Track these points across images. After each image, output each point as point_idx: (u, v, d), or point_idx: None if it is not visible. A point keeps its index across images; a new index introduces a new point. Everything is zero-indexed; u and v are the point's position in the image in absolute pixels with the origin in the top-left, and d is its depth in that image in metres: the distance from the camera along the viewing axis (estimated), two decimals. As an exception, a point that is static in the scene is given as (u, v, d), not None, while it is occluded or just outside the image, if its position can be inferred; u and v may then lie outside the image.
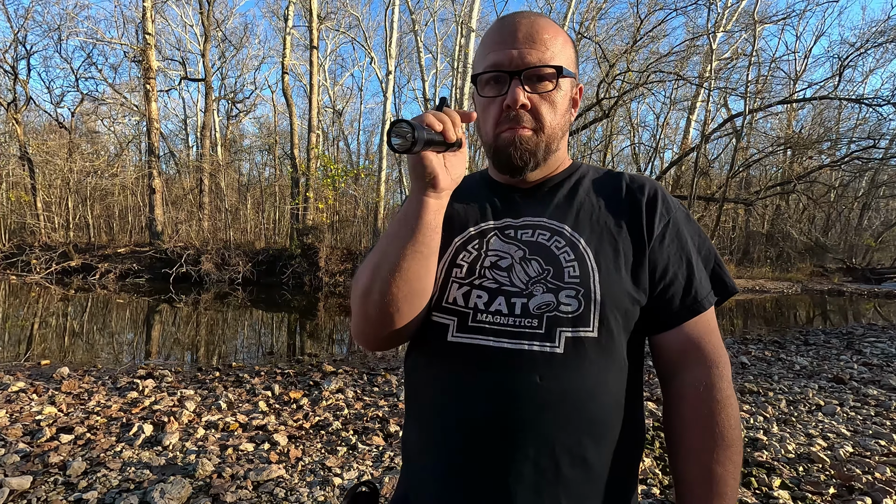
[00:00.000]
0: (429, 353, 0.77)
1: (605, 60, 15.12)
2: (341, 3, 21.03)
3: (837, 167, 17.44)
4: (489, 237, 0.79)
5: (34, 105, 18.92)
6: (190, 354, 6.27)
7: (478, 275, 0.75)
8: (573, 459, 0.68)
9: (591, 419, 0.69)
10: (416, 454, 0.79)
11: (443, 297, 0.75)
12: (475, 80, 0.77)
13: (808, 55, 20.71)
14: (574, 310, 0.70)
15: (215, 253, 13.67)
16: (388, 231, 0.72)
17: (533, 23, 0.75)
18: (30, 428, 3.17)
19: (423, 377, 0.78)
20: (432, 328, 0.75)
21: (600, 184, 0.84)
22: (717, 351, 0.75)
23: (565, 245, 0.75)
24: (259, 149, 27.55)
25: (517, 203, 0.82)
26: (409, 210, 0.69)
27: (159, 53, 19.59)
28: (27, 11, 17.29)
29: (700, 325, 0.76)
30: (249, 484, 2.51)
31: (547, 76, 0.75)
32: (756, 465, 2.81)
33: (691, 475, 0.71)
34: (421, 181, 0.68)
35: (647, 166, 22.76)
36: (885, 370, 5.29)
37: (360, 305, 0.73)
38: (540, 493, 0.68)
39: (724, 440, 0.70)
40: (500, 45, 0.75)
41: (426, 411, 0.77)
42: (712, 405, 0.71)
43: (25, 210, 16.48)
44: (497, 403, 0.68)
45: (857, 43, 15.32)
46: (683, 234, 0.79)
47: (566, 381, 0.68)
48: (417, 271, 0.69)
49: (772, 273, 18.28)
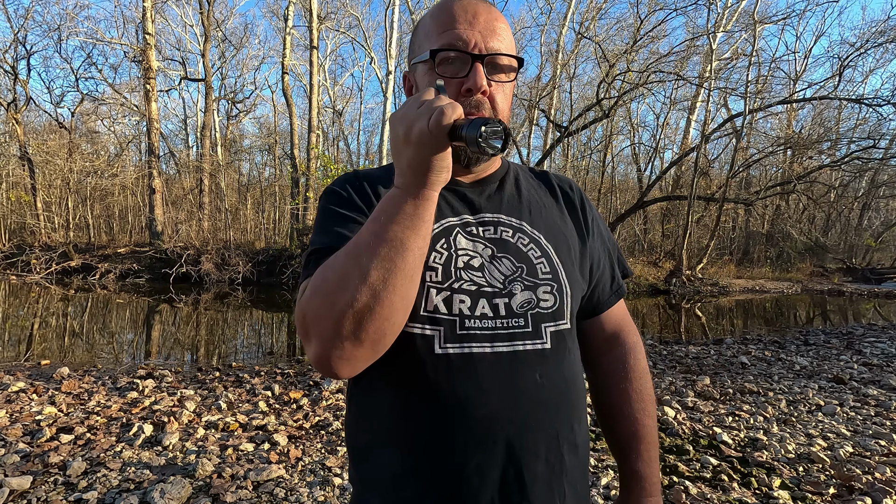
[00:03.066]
0: (412, 370, 0.68)
1: (605, 60, 15.11)
2: (341, 3, 21.04)
3: (837, 167, 17.41)
4: (454, 235, 0.74)
5: (34, 105, 18.93)
6: (190, 354, 6.27)
7: (455, 277, 0.71)
8: (570, 447, 0.73)
9: (575, 405, 0.75)
10: (400, 483, 0.69)
11: (420, 305, 0.68)
12: (433, 55, 0.71)
13: (808, 55, 20.71)
14: (552, 305, 0.73)
15: (215, 253, 13.67)
16: (381, 233, 0.59)
17: (490, 10, 0.73)
18: (30, 428, 3.17)
19: (407, 397, 0.69)
20: (412, 341, 0.68)
21: (535, 181, 0.88)
22: (634, 327, 0.90)
23: (530, 242, 0.77)
24: (259, 149, 27.58)
25: (469, 198, 0.78)
26: (413, 209, 0.60)
27: (159, 53, 19.60)
28: (27, 11, 17.30)
29: (621, 306, 0.90)
30: (249, 484, 2.51)
31: (506, 67, 0.73)
32: (756, 465, 2.81)
33: (631, 433, 0.83)
34: (435, 175, 0.59)
35: (647, 166, 22.76)
36: (885, 370, 5.29)
37: (350, 326, 0.58)
38: (551, 487, 0.70)
39: (651, 400, 0.85)
40: (460, 25, 0.70)
41: (416, 432, 0.68)
42: (642, 374, 0.86)
43: (25, 210, 16.49)
44: (503, 410, 0.67)
45: (857, 43, 15.29)
46: (601, 228, 0.89)
47: (556, 374, 0.72)
48: (418, 277, 0.62)
49: (772, 273, 18.29)
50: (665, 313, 11.13)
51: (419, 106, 0.58)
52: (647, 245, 21.49)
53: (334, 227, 0.72)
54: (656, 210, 20.90)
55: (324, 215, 0.76)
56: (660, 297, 13.73)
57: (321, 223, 0.75)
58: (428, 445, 0.68)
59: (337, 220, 0.73)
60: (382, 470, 0.71)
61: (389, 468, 0.70)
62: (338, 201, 0.76)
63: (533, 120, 19.66)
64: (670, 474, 2.72)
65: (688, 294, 14.26)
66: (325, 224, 0.74)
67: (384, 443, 0.71)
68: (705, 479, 2.66)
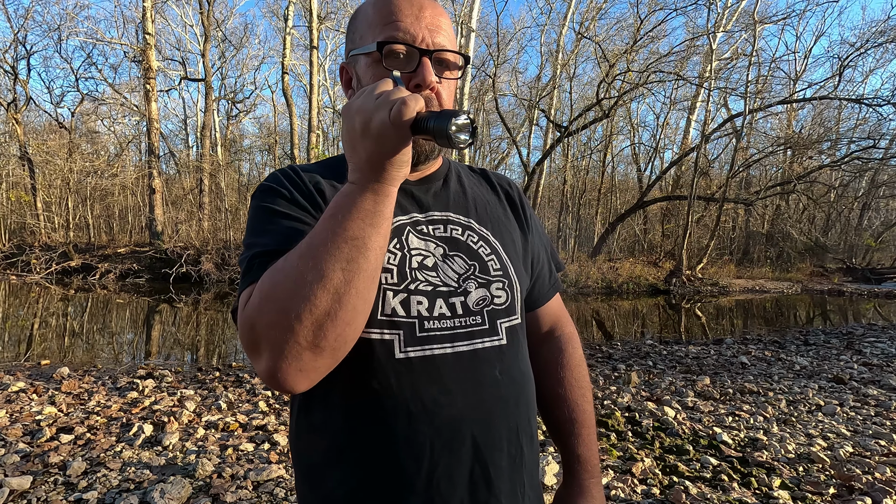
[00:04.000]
0: (372, 377, 0.65)
1: (605, 60, 15.12)
2: (341, 3, 21.03)
3: (837, 167, 17.44)
4: (406, 234, 0.72)
5: (34, 105, 18.94)
6: (190, 354, 6.27)
7: (410, 278, 0.69)
8: (528, 438, 0.74)
9: (530, 397, 0.77)
10: (365, 498, 0.66)
11: (378, 309, 0.65)
12: (381, 48, 0.66)
13: (808, 55, 20.71)
14: (504, 301, 0.75)
15: (215, 253, 13.68)
16: (340, 232, 0.54)
17: (434, 5, 0.71)
18: (30, 428, 3.17)
19: (367, 406, 0.66)
20: (370, 347, 0.65)
21: (476, 178, 0.89)
22: (570, 318, 0.95)
23: (479, 239, 0.77)
24: (259, 149, 27.61)
25: (416, 196, 0.76)
26: (374, 205, 0.55)
27: (159, 53, 19.60)
28: (27, 11, 17.31)
29: (558, 299, 0.94)
30: (249, 484, 2.51)
31: (452, 63, 0.71)
32: (756, 465, 2.81)
33: (572, 417, 0.86)
34: (396, 169, 0.56)
35: (647, 166, 22.79)
36: (885, 370, 5.29)
37: (309, 335, 0.53)
38: (513, 479, 0.71)
39: (588, 387, 0.90)
40: (405, 19, 0.68)
41: (379, 443, 0.65)
42: (579, 362, 0.90)
43: (25, 210, 16.49)
44: (468, 409, 0.67)
45: (857, 43, 15.32)
46: (537, 224, 0.91)
47: (514, 368, 0.73)
48: (377, 279, 0.58)
49: (772, 273, 18.28)
50: (665, 313, 11.13)
51: (377, 97, 0.54)
52: (647, 245, 21.49)
53: (276, 226, 0.66)
54: (656, 210, 20.90)
55: (261, 214, 0.69)
56: (660, 297, 13.73)
57: (259, 223, 0.68)
58: (393, 456, 0.65)
59: (278, 219, 0.67)
60: (342, 485, 0.67)
61: (350, 483, 0.66)
62: (277, 199, 0.69)
63: (533, 120, 19.66)
64: (670, 474, 2.72)
65: (688, 294, 14.26)
66: (265, 224, 0.67)
67: (339, 460, 0.67)
68: (705, 479, 2.66)
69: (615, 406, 3.89)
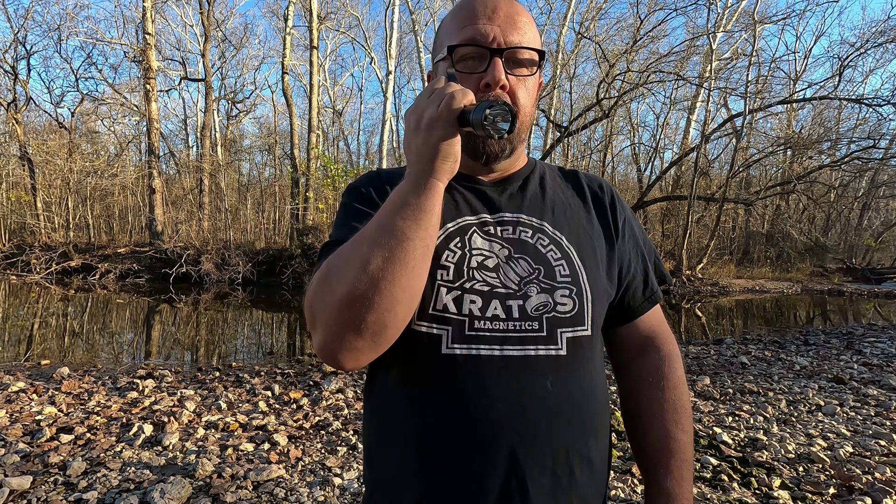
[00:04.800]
0: (418, 369, 0.67)
1: (605, 60, 15.12)
2: (341, 3, 21.04)
3: (837, 167, 17.43)
4: (470, 234, 0.72)
5: (34, 105, 18.94)
6: (190, 354, 6.27)
7: (467, 277, 0.69)
8: (582, 461, 0.69)
9: (591, 418, 0.71)
10: (402, 484, 0.68)
11: (429, 304, 0.67)
12: (451, 51, 0.69)
13: (808, 55, 20.72)
14: (570, 309, 0.70)
15: (215, 253, 13.68)
16: (383, 223, 0.59)
17: (511, 3, 0.71)
18: (30, 428, 3.17)
19: (412, 396, 0.68)
20: (419, 340, 0.66)
21: (563, 180, 0.85)
22: (671, 334, 0.85)
23: (549, 243, 0.74)
24: (259, 149, 27.61)
25: (489, 197, 0.76)
26: (416, 198, 0.59)
27: (159, 53, 19.60)
28: (27, 11, 17.32)
29: (656, 313, 0.85)
30: (249, 484, 2.51)
31: (527, 61, 0.71)
32: (756, 465, 2.81)
33: (662, 446, 0.76)
34: (441, 161, 0.58)
35: (647, 166, 22.76)
36: (885, 370, 5.29)
37: (349, 315, 0.57)
38: (557, 501, 0.67)
39: (687, 413, 0.78)
40: (479, 20, 0.69)
41: (420, 432, 0.67)
42: (677, 383, 0.79)
43: (25, 210, 16.50)
44: (509, 416, 0.64)
45: (857, 43, 15.30)
46: (636, 230, 0.85)
47: (570, 383, 0.68)
48: (421, 270, 0.60)
49: (772, 273, 18.28)
50: (665, 313, 11.10)
51: (430, 95, 0.57)
52: (647, 245, 21.44)
53: (350, 222, 0.71)
54: (656, 210, 20.89)
55: (342, 211, 0.77)
56: (660, 297, 13.72)
57: (338, 218, 0.76)
58: (429, 447, 0.66)
59: (353, 215, 0.73)
60: (388, 470, 0.70)
61: (393, 468, 0.69)
62: (357, 198, 0.76)
63: (533, 120, 19.62)
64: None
65: (688, 294, 14.26)
66: (342, 219, 0.75)
67: (390, 442, 0.70)
68: (705, 479, 2.66)
69: (615, 406, 3.89)
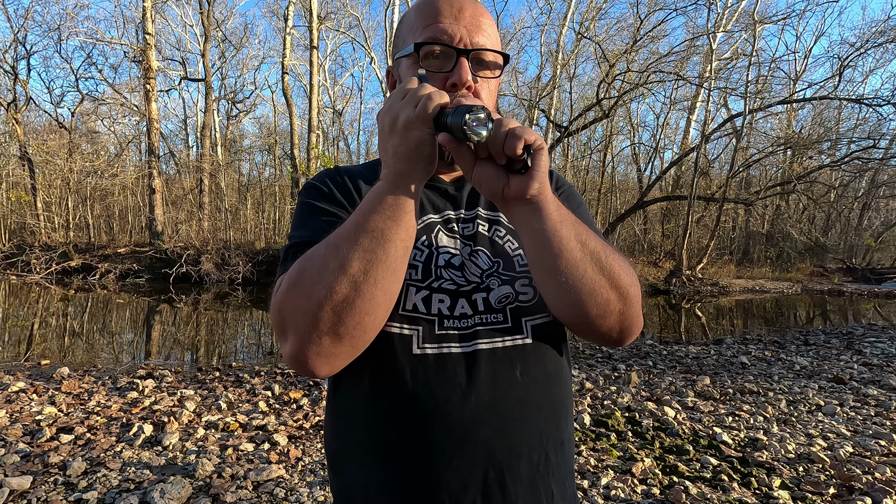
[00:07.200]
0: (389, 370, 0.66)
1: (605, 60, 15.11)
2: (341, 3, 21.05)
3: (837, 167, 17.41)
4: (435, 232, 0.73)
5: (34, 105, 18.96)
6: (190, 354, 6.27)
7: (434, 276, 0.69)
8: (555, 444, 0.70)
9: (559, 402, 0.72)
10: (372, 494, 0.66)
11: (400, 304, 0.66)
12: (418, 49, 0.68)
13: (808, 55, 20.71)
14: (531, 298, 0.71)
15: (215, 253, 13.67)
16: (362, 224, 0.57)
17: (475, 5, 0.71)
18: (30, 428, 3.17)
19: (383, 398, 0.67)
20: (390, 340, 0.66)
21: None
22: None
23: (506, 233, 0.75)
24: (259, 149, 27.60)
25: (450, 195, 0.78)
26: (395, 199, 0.57)
27: (159, 53, 19.59)
28: (27, 11, 17.31)
29: None
30: (249, 484, 2.51)
31: (491, 63, 0.71)
32: (756, 465, 2.81)
33: None
34: (419, 164, 0.58)
35: (647, 166, 22.77)
36: (885, 370, 5.29)
37: (329, 320, 0.56)
38: (536, 486, 0.67)
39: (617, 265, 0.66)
40: (445, 20, 0.68)
41: (393, 438, 0.66)
42: None
43: (25, 210, 16.50)
44: (482, 411, 0.64)
45: (857, 43, 15.29)
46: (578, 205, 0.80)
47: (537, 369, 0.69)
48: (401, 272, 0.60)
49: (772, 273, 18.28)
50: (665, 313, 11.13)
51: (403, 96, 0.57)
52: (647, 245, 21.48)
53: (313, 221, 0.71)
54: (656, 210, 20.89)
55: (303, 210, 0.74)
56: (660, 297, 13.73)
57: (300, 218, 0.74)
58: (403, 447, 0.65)
59: (316, 214, 0.72)
60: (359, 474, 0.68)
61: (365, 472, 0.67)
62: (318, 196, 0.74)
63: (533, 120, 19.65)
64: (670, 474, 2.72)
65: (688, 294, 14.25)
66: (305, 219, 0.73)
67: (357, 450, 0.68)
68: (705, 479, 2.66)
69: (615, 406, 3.89)
